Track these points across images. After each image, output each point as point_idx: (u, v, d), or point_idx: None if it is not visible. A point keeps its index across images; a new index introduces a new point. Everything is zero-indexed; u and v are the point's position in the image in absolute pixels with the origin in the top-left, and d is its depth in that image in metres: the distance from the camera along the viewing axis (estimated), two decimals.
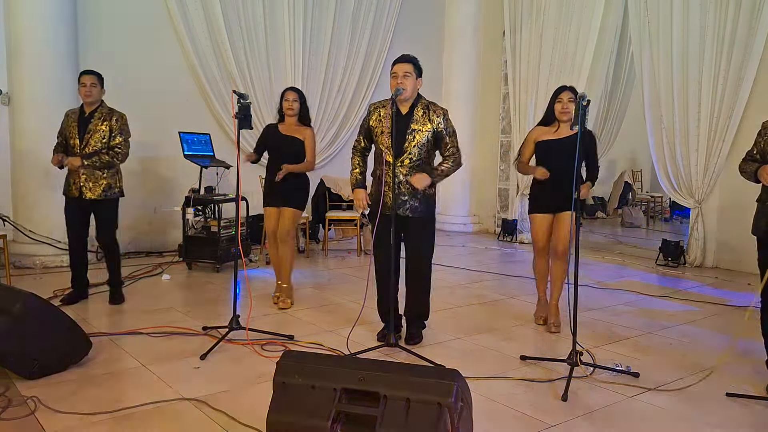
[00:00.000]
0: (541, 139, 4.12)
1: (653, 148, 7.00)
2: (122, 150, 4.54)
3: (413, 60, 3.65)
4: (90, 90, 4.47)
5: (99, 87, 4.53)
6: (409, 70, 3.60)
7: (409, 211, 3.68)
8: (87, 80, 4.48)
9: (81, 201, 4.53)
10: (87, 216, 4.67)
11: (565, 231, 3.98)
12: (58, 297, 4.66)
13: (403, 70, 3.59)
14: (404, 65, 3.61)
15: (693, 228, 6.68)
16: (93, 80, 4.49)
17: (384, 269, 3.78)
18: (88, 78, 4.49)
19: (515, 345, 3.85)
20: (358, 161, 3.87)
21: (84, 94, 4.49)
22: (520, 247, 7.91)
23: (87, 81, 4.48)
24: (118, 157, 4.53)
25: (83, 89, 4.48)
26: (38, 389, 2.96)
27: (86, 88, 4.47)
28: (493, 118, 8.96)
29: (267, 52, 7.36)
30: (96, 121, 4.52)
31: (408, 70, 3.60)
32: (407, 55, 3.68)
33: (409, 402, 2.03)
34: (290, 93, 4.59)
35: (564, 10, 7.66)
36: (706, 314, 4.72)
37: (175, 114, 6.70)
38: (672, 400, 3.03)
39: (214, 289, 5.26)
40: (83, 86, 4.48)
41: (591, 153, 4.05)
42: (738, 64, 6.13)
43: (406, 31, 8.59)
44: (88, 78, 4.49)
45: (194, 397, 2.92)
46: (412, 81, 3.61)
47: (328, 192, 7.34)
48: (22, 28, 5.73)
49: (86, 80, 4.48)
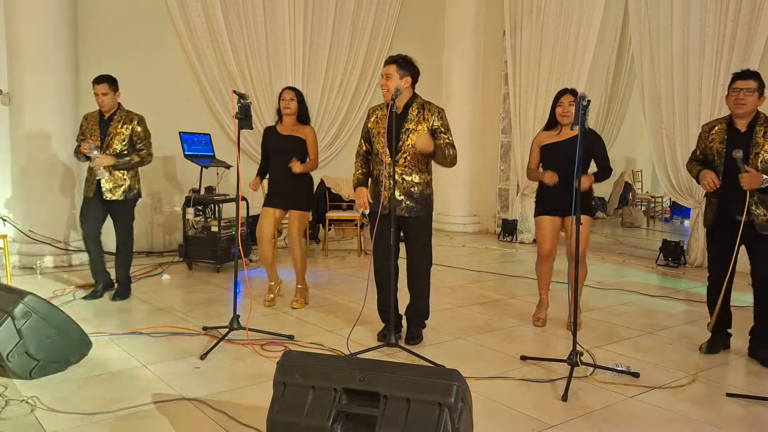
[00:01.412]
0: (544, 143, 4.14)
1: (653, 148, 7.00)
2: (146, 150, 4.69)
3: (396, 60, 3.66)
4: (102, 100, 4.54)
5: (111, 94, 4.57)
6: (391, 71, 3.62)
7: (405, 210, 3.68)
8: (99, 90, 4.53)
9: (100, 201, 4.61)
10: (103, 215, 4.73)
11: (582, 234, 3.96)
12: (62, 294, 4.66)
13: (386, 72, 3.64)
14: (387, 67, 3.66)
15: (693, 228, 6.67)
16: (104, 89, 4.53)
17: (381, 269, 3.78)
18: (99, 88, 4.53)
19: (515, 345, 3.85)
20: (361, 164, 3.88)
21: (99, 103, 4.57)
22: (521, 248, 7.92)
23: (99, 91, 4.53)
24: (147, 159, 4.70)
25: (96, 99, 4.55)
26: (38, 389, 2.96)
27: (98, 98, 4.54)
28: (494, 118, 8.96)
29: (267, 51, 7.36)
30: (116, 124, 4.59)
31: (389, 72, 3.63)
32: (391, 56, 3.71)
33: (409, 402, 2.03)
34: (287, 92, 4.56)
35: (564, 10, 7.67)
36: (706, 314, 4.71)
37: (175, 114, 6.70)
38: (672, 400, 3.03)
39: (214, 289, 5.26)
40: (96, 96, 4.54)
41: (599, 152, 4.05)
42: (738, 64, 6.11)
43: (406, 31, 8.60)
44: (99, 88, 4.53)
45: (194, 397, 2.92)
46: (395, 81, 3.61)
47: (329, 192, 7.34)
48: (22, 28, 5.73)
49: (98, 90, 4.53)
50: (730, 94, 3.48)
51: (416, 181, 3.69)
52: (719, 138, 3.56)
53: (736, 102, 3.45)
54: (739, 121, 3.51)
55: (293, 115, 4.54)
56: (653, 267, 6.66)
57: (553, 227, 4.12)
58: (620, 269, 6.57)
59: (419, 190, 3.70)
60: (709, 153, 3.61)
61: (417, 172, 3.69)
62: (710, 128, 3.66)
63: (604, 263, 6.84)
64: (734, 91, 3.46)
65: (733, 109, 3.49)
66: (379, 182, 3.72)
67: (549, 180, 3.97)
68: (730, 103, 3.50)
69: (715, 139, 3.58)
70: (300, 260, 4.64)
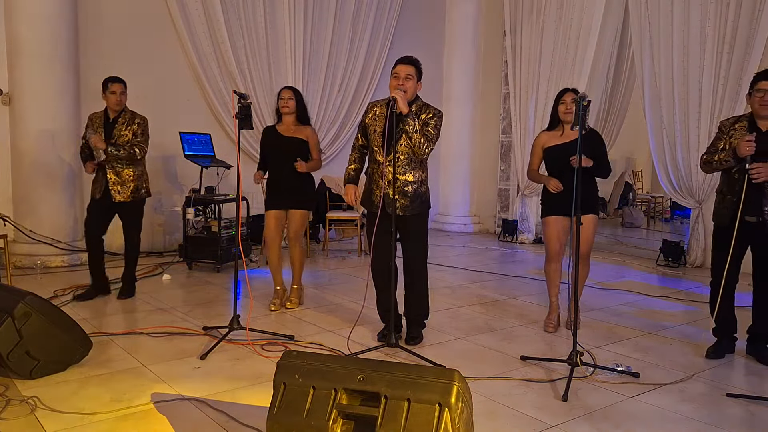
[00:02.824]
0: (548, 145, 4.12)
1: (654, 148, 7.00)
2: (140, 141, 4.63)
3: (416, 63, 3.65)
4: (120, 98, 4.56)
5: (125, 93, 4.61)
6: (412, 72, 3.60)
7: (400, 209, 3.68)
8: (117, 88, 4.55)
9: (106, 202, 4.61)
10: (109, 217, 4.74)
11: (585, 235, 3.96)
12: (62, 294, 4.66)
13: (406, 72, 3.59)
14: (407, 67, 3.61)
15: (693, 228, 6.67)
16: (122, 88, 4.57)
17: (378, 268, 3.78)
18: (117, 86, 4.55)
19: (516, 345, 3.85)
20: (355, 158, 3.88)
21: (114, 102, 4.56)
22: (521, 248, 7.92)
23: (117, 89, 4.54)
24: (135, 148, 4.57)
25: (113, 97, 4.55)
26: (38, 389, 2.96)
27: (116, 96, 4.55)
28: (494, 118, 8.96)
29: (267, 52, 7.36)
30: (120, 126, 4.61)
31: (410, 72, 3.60)
32: (410, 57, 3.67)
33: (409, 402, 2.03)
34: (285, 91, 4.54)
35: (564, 10, 7.67)
36: (707, 314, 4.71)
37: (175, 114, 6.70)
38: (672, 400, 3.03)
39: (215, 290, 5.26)
40: (113, 94, 4.54)
41: (600, 153, 4.04)
42: (738, 64, 6.13)
43: (407, 31, 8.61)
44: (117, 86, 4.55)
45: (194, 397, 2.92)
46: (413, 83, 3.60)
47: (329, 192, 7.34)
48: (22, 28, 5.73)
49: (116, 88, 4.54)
50: (754, 94, 3.41)
51: (410, 180, 3.69)
52: (741, 135, 3.45)
53: (761, 103, 3.39)
54: (761, 122, 3.46)
55: (292, 114, 4.52)
56: (653, 267, 6.66)
57: (561, 227, 4.10)
58: (620, 269, 6.57)
59: (413, 189, 3.70)
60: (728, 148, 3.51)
61: (411, 170, 3.69)
62: (731, 124, 3.59)
63: (605, 263, 6.84)
64: (758, 92, 3.40)
65: (758, 110, 3.43)
66: (374, 180, 3.73)
67: (553, 188, 3.97)
68: (754, 104, 3.43)
69: (736, 137, 3.48)
70: (299, 260, 4.63)
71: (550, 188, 4.00)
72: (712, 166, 3.59)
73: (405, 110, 3.51)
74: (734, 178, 3.47)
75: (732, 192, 3.49)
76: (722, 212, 3.57)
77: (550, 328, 4.19)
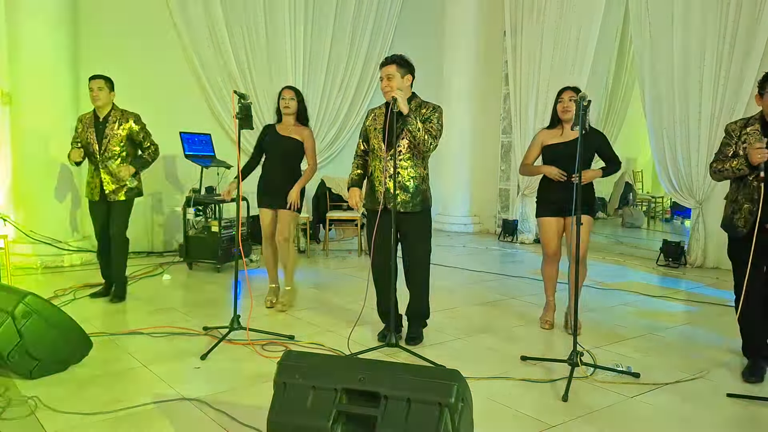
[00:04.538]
0: (548, 143, 4.09)
1: (654, 148, 7.00)
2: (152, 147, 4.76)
3: (396, 59, 3.67)
4: (97, 94, 4.54)
5: (107, 90, 4.58)
6: (392, 71, 3.62)
7: (401, 206, 3.67)
8: (94, 85, 4.54)
9: (104, 202, 4.64)
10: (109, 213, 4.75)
11: (582, 235, 3.94)
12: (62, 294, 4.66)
13: (386, 72, 3.63)
14: (386, 68, 3.65)
15: (694, 228, 6.67)
16: (100, 84, 4.54)
17: (378, 268, 3.78)
18: (95, 83, 4.55)
19: (516, 345, 3.84)
20: (358, 164, 3.90)
21: (92, 98, 4.56)
22: (521, 248, 7.92)
23: (94, 86, 4.54)
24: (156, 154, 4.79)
25: (91, 94, 4.56)
26: (38, 389, 2.96)
27: (93, 92, 4.54)
28: (494, 118, 8.96)
29: (267, 52, 7.36)
30: (111, 125, 4.59)
31: (390, 72, 3.62)
32: (389, 56, 3.71)
33: (409, 402, 2.03)
34: (287, 91, 4.53)
35: (565, 10, 7.67)
36: (707, 315, 4.72)
37: (175, 114, 6.70)
38: (672, 400, 3.03)
39: (215, 290, 5.26)
40: (90, 91, 4.55)
41: (606, 149, 4.04)
42: (739, 64, 6.13)
43: (407, 31, 8.61)
44: (95, 83, 4.55)
45: (194, 397, 2.92)
46: (397, 80, 3.62)
47: (329, 192, 7.34)
48: (22, 28, 5.73)
49: (93, 85, 4.55)
50: (766, 95, 3.24)
51: (411, 175, 3.69)
52: (755, 139, 3.26)
53: None
54: None
55: (293, 114, 4.52)
56: (654, 267, 6.66)
57: (557, 227, 4.10)
58: (621, 269, 6.57)
59: (415, 184, 3.70)
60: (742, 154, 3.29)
61: (412, 166, 3.69)
62: (740, 128, 3.38)
63: (605, 263, 6.84)
64: None
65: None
66: (375, 177, 3.75)
67: (556, 176, 3.91)
68: (766, 107, 3.27)
69: (750, 141, 3.27)
70: (289, 261, 4.61)
71: (552, 175, 3.95)
72: (724, 174, 3.38)
73: (405, 110, 3.51)
74: (752, 187, 3.25)
75: (750, 201, 3.26)
76: (738, 223, 3.32)
77: (546, 326, 4.21)
